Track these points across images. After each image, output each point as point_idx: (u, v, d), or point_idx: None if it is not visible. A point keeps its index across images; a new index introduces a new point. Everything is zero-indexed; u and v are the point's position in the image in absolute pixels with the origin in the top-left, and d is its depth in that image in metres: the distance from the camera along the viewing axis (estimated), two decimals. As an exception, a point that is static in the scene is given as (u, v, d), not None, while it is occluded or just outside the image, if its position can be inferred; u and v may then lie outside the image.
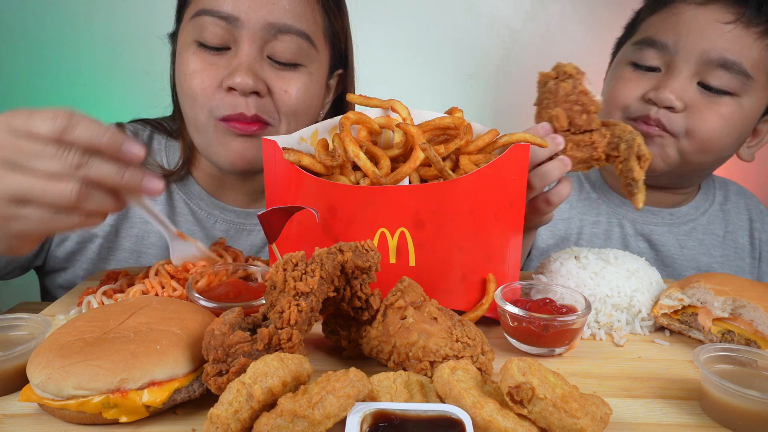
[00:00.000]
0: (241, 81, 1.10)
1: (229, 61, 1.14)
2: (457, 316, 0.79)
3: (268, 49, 1.15)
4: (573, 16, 2.02)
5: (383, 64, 2.03)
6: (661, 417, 0.71)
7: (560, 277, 1.00)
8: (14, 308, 1.10)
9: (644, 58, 1.30)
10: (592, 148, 0.99)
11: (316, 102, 1.26)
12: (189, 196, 1.34)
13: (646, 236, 1.45)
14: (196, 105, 1.16)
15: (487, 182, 0.85)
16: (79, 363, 0.64)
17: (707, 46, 1.22)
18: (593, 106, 0.99)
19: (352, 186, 0.86)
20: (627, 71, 1.33)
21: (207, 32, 1.13)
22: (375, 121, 0.97)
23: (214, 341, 0.66)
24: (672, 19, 1.28)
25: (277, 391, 0.59)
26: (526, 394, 0.60)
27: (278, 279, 0.70)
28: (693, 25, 1.24)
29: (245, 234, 1.37)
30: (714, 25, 1.22)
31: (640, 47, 1.31)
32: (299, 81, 1.19)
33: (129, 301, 0.80)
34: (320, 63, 1.25)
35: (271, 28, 1.13)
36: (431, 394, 0.67)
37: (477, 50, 2.07)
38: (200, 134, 1.20)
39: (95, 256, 1.28)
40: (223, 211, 1.35)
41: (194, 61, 1.15)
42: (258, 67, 1.14)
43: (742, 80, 1.23)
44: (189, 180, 1.35)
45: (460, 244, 0.86)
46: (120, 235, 1.30)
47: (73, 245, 1.28)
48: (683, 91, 1.24)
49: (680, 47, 1.24)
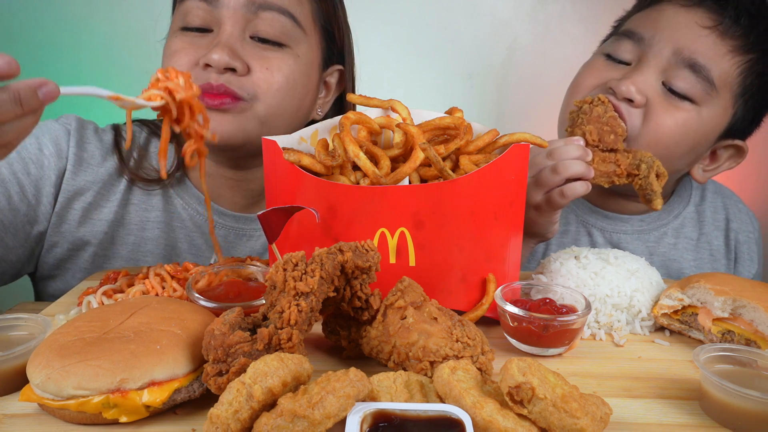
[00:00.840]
0: (216, 57, 1.09)
1: (211, 42, 1.13)
2: (457, 316, 0.79)
3: (251, 28, 1.14)
4: (573, 16, 2.02)
5: (383, 64, 2.03)
6: (661, 417, 0.71)
7: (560, 277, 1.00)
8: (14, 308, 1.10)
9: (619, 50, 1.29)
10: (616, 164, 1.13)
11: (301, 87, 1.22)
12: (186, 201, 1.31)
13: (615, 244, 1.43)
14: None
15: (487, 182, 0.85)
16: (79, 363, 0.64)
17: (681, 45, 1.21)
18: (620, 129, 1.15)
19: (352, 186, 0.86)
20: (599, 61, 1.32)
21: (190, 15, 1.14)
22: (375, 121, 0.97)
23: (214, 341, 0.66)
24: (654, 15, 1.28)
25: (277, 391, 0.59)
26: (526, 394, 0.60)
27: (278, 279, 0.70)
28: (672, 22, 1.24)
29: (245, 239, 1.34)
30: (692, 26, 1.22)
31: (618, 38, 1.31)
32: (283, 61, 1.17)
33: (129, 301, 0.80)
34: (309, 46, 1.22)
35: (251, 6, 1.13)
36: (431, 394, 0.67)
37: (477, 50, 2.07)
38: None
39: (89, 264, 1.26)
40: (222, 216, 1.33)
41: (176, 42, 1.15)
42: (239, 47, 1.13)
43: (706, 88, 1.21)
44: (186, 183, 1.32)
45: (460, 244, 0.86)
46: (116, 242, 1.27)
47: (64, 252, 1.25)
48: (646, 85, 1.22)
49: (655, 41, 1.23)
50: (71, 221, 1.23)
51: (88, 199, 1.23)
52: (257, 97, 1.15)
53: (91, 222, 1.25)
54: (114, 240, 1.27)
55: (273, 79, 1.16)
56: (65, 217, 1.23)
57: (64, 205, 1.22)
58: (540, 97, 2.12)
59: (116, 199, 1.26)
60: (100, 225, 1.25)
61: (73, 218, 1.23)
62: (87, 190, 1.23)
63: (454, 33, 2.05)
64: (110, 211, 1.25)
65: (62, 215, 1.22)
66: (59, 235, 1.23)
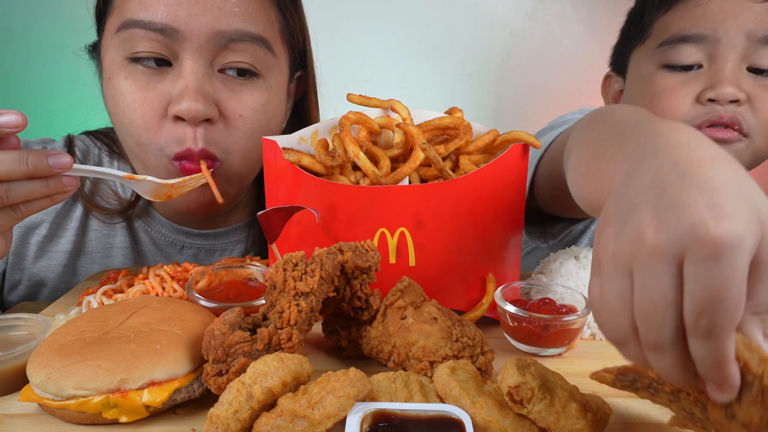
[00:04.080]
0: (189, 107, 0.93)
1: (172, 82, 0.96)
2: (457, 316, 0.79)
3: (219, 61, 0.97)
4: (573, 15, 2.02)
5: (383, 64, 2.03)
6: (662, 417, 0.71)
7: (560, 277, 1.00)
8: (14, 308, 1.10)
9: (681, 56, 1.19)
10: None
11: (276, 119, 1.09)
12: (148, 223, 1.20)
13: None
14: (142, 144, 0.98)
15: (487, 182, 0.85)
16: (79, 363, 0.64)
17: (750, 28, 1.14)
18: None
19: (352, 186, 0.86)
20: (663, 78, 1.21)
21: (139, 49, 0.94)
22: (375, 121, 0.97)
23: (214, 341, 0.66)
24: (697, 10, 1.19)
25: (277, 391, 0.59)
26: (526, 394, 0.60)
27: (278, 279, 0.70)
28: (725, 10, 1.17)
29: (218, 254, 1.24)
30: (747, 5, 1.16)
31: (672, 46, 1.20)
32: (257, 99, 1.02)
33: (129, 301, 0.80)
34: (280, 71, 1.07)
35: (220, 38, 0.95)
36: (431, 394, 0.67)
37: (477, 50, 2.07)
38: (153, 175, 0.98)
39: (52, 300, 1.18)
40: (189, 237, 1.21)
41: (129, 88, 0.96)
42: (208, 86, 0.96)
43: None
44: (151, 213, 1.20)
45: (460, 244, 0.87)
46: (78, 272, 1.18)
47: (26, 289, 1.17)
48: (738, 80, 1.15)
49: (721, 35, 1.16)
50: (29, 257, 1.15)
51: (42, 232, 1.14)
52: (230, 151, 1.01)
53: (48, 256, 1.16)
54: (76, 271, 1.18)
55: (247, 126, 1.01)
56: (23, 254, 1.15)
57: (19, 242, 1.13)
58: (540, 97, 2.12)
59: (72, 227, 1.16)
60: (57, 258, 1.16)
61: (30, 254, 1.15)
62: (40, 222, 1.14)
63: (454, 33, 2.05)
64: (68, 241, 1.16)
65: (20, 253, 1.14)
66: (20, 272, 1.16)
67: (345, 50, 2.00)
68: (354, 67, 2.03)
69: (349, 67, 2.03)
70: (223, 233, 1.25)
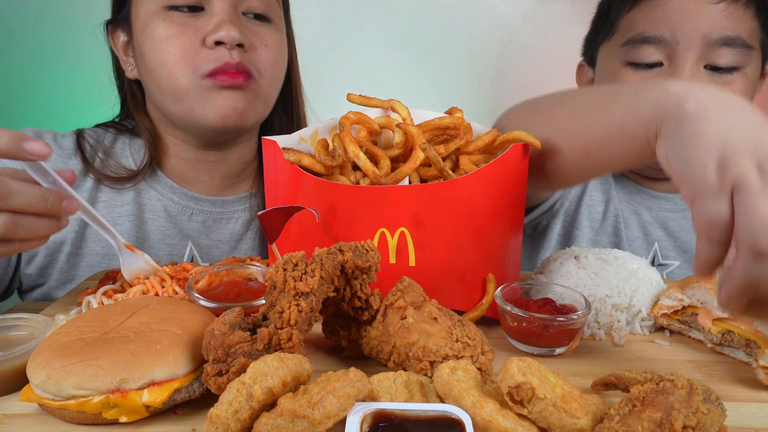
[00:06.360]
0: (226, 34, 1.09)
1: (206, 21, 1.12)
2: (457, 316, 0.79)
3: (242, 4, 1.15)
4: (573, 15, 2.02)
5: (383, 64, 2.03)
6: (661, 417, 0.71)
7: (560, 277, 1.00)
8: (14, 308, 1.10)
9: (643, 55, 1.27)
10: None
11: (285, 61, 1.27)
12: (160, 192, 1.29)
13: (662, 224, 1.44)
14: (177, 69, 1.11)
15: (487, 182, 0.85)
16: (79, 363, 0.64)
17: (707, 29, 1.21)
18: None
19: (352, 186, 0.86)
20: (627, 75, 1.30)
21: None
22: (375, 121, 0.97)
23: (214, 341, 0.66)
24: (658, 11, 1.26)
25: (277, 391, 0.59)
26: (526, 394, 0.60)
27: (278, 279, 0.70)
28: (684, 12, 1.23)
29: (224, 223, 1.34)
30: (705, 7, 1.22)
31: (635, 46, 1.28)
32: (274, 37, 1.20)
33: (129, 301, 0.80)
34: (281, 21, 1.26)
35: None
36: (431, 394, 0.67)
37: (477, 50, 2.07)
38: (180, 102, 1.15)
39: (65, 264, 1.25)
40: (197, 202, 1.31)
41: (167, 26, 1.11)
42: (237, 22, 1.14)
43: (745, 52, 1.23)
44: (158, 175, 1.30)
45: (460, 244, 0.87)
46: (87, 239, 1.26)
47: (42, 259, 1.24)
48: (696, 79, 1.22)
49: (679, 37, 1.23)
50: None
51: None
52: (261, 73, 1.17)
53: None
54: (85, 237, 1.26)
55: (270, 57, 1.18)
56: None
57: None
58: (540, 97, 2.11)
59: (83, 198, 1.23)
60: (71, 224, 1.23)
61: None
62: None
63: (454, 33, 2.04)
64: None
65: None
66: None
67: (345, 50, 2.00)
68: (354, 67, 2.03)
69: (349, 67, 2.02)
70: (230, 201, 1.34)
